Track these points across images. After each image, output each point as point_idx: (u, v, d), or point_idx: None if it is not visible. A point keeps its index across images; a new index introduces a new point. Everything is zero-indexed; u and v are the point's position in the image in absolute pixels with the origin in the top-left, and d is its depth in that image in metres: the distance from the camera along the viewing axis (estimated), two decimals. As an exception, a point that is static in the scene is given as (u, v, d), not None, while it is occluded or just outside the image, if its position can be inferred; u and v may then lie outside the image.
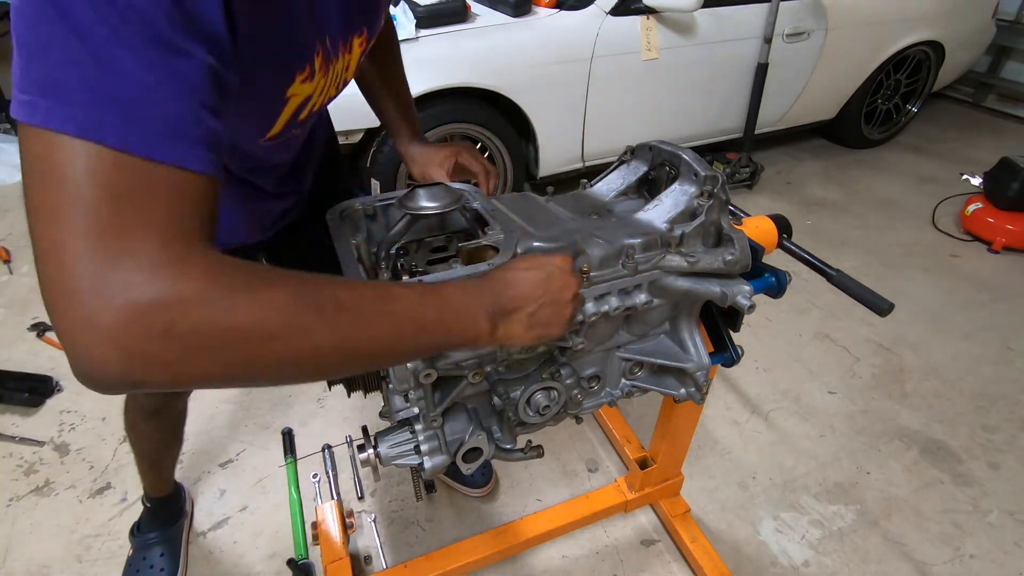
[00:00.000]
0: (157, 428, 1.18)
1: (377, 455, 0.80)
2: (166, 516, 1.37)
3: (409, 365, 0.71)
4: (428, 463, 0.78)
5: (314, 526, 1.31)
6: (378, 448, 0.80)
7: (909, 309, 2.23)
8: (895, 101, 3.40)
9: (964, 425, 1.76)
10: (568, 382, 0.80)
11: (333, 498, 1.38)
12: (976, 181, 2.69)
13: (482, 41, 2.23)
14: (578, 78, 2.37)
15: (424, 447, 0.78)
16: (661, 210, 0.81)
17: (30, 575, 1.36)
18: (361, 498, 1.51)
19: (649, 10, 2.41)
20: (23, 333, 2.03)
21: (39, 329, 2.03)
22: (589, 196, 0.92)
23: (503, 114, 2.36)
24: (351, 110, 1.23)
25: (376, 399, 0.86)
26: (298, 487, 1.50)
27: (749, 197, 3.00)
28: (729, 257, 0.77)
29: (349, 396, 0.79)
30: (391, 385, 0.75)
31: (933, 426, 1.76)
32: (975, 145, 3.55)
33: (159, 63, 0.39)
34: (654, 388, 0.92)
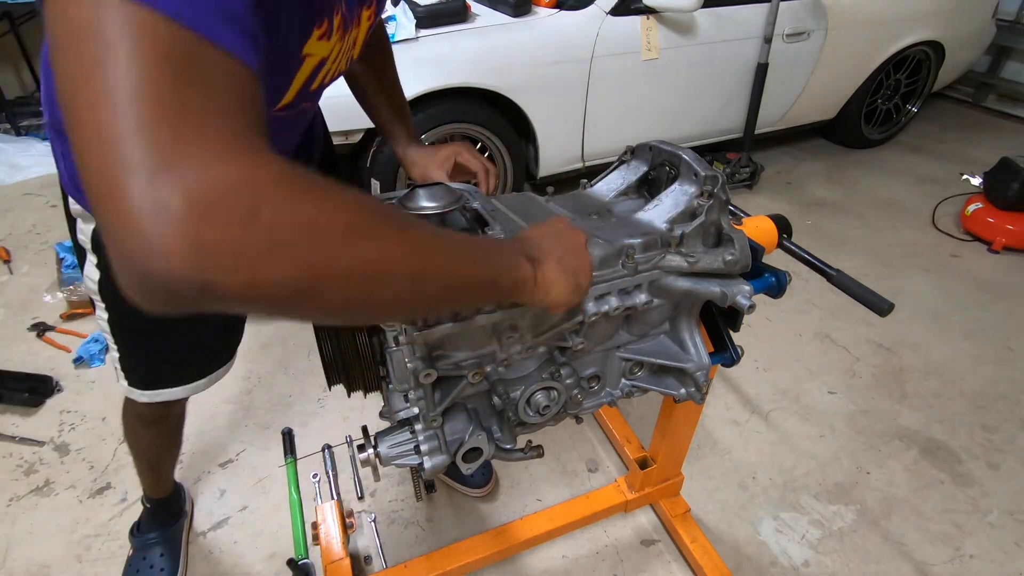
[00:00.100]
0: (156, 433, 1.18)
1: (377, 455, 0.80)
2: (166, 516, 1.37)
3: (409, 365, 0.71)
4: (428, 463, 0.78)
5: (314, 526, 1.31)
6: (378, 448, 0.80)
7: (909, 309, 2.23)
8: (895, 101, 3.40)
9: (964, 425, 1.76)
10: (568, 382, 0.80)
11: (333, 498, 1.38)
12: (976, 181, 2.69)
13: (482, 41, 2.23)
14: (578, 78, 2.37)
15: (424, 447, 0.78)
16: (661, 210, 0.81)
17: (30, 575, 1.36)
18: (361, 498, 1.51)
19: (649, 10, 2.41)
20: (23, 333, 2.03)
21: (39, 329, 2.03)
22: (589, 196, 0.92)
23: (503, 114, 2.36)
24: (351, 110, 1.23)
25: (376, 399, 0.86)
26: (298, 487, 1.50)
27: (749, 197, 3.00)
28: (729, 257, 0.77)
29: (349, 396, 0.79)
30: (391, 385, 0.75)
31: (933, 426, 1.76)
32: (975, 145, 3.55)
33: None
34: (654, 388, 0.92)
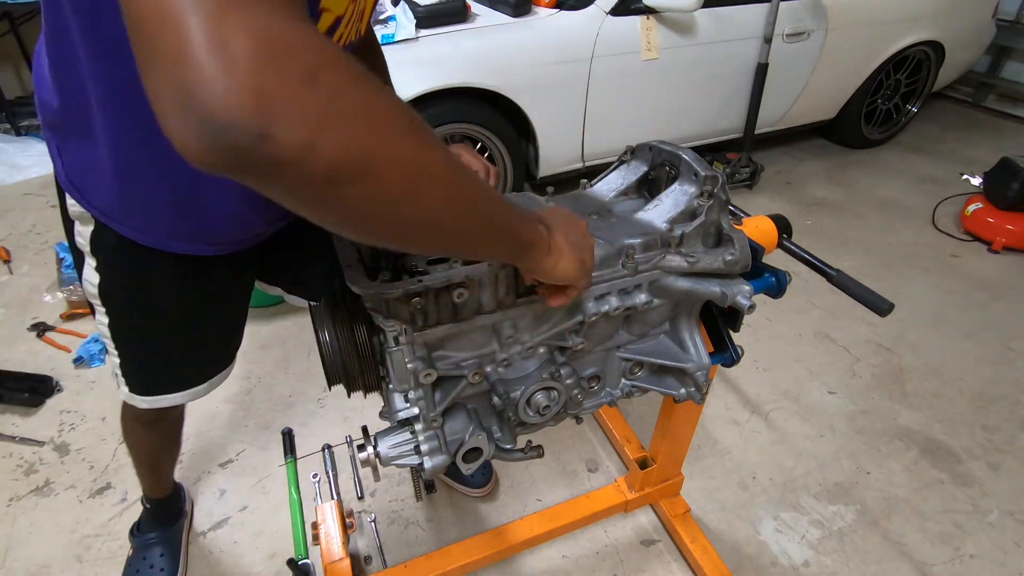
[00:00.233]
0: (155, 434, 1.18)
1: (377, 455, 0.80)
2: (166, 516, 1.37)
3: (409, 365, 0.71)
4: (428, 463, 0.78)
5: (314, 526, 1.31)
6: (378, 448, 0.80)
7: (909, 309, 2.23)
8: (895, 101, 3.39)
9: (964, 425, 1.76)
10: (568, 382, 0.80)
11: (333, 498, 1.37)
12: (976, 181, 2.69)
13: (482, 41, 2.23)
14: (578, 78, 2.37)
15: (424, 447, 0.78)
16: (661, 210, 0.81)
17: (30, 575, 1.36)
18: (361, 498, 1.51)
19: (649, 10, 2.41)
20: (23, 333, 2.03)
21: (39, 329, 2.03)
22: (589, 196, 0.92)
23: (503, 114, 2.36)
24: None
25: (376, 399, 0.86)
26: (298, 487, 1.50)
27: (749, 197, 3.00)
28: (729, 257, 0.77)
29: (349, 396, 0.79)
30: (391, 385, 0.75)
31: (933, 426, 1.76)
32: (975, 145, 3.55)
33: None
34: (654, 388, 0.92)
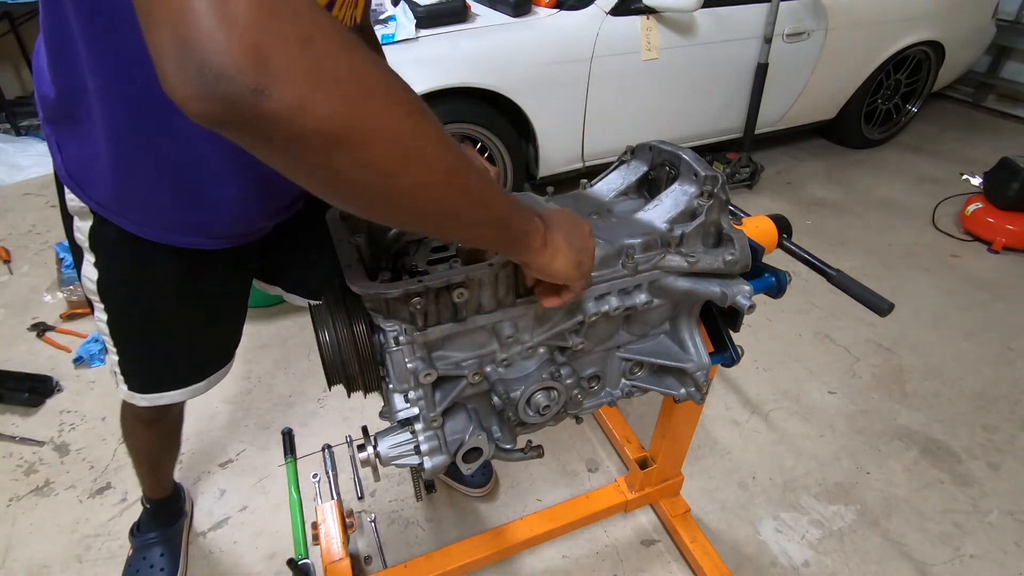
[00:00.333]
0: (155, 434, 1.18)
1: (377, 455, 0.79)
2: (166, 516, 1.37)
3: (409, 365, 0.71)
4: (428, 463, 0.78)
5: (314, 526, 1.31)
6: (378, 448, 0.80)
7: (909, 309, 2.23)
8: (895, 101, 3.39)
9: (964, 425, 1.76)
10: (568, 382, 0.80)
11: (333, 498, 1.37)
12: (976, 181, 2.69)
13: (482, 41, 2.23)
14: (578, 78, 2.37)
15: (424, 447, 0.78)
16: (661, 210, 0.81)
17: (30, 575, 1.36)
18: (361, 498, 1.50)
19: (649, 10, 2.41)
20: (23, 333, 2.03)
21: (39, 329, 2.03)
22: (589, 196, 0.92)
23: (503, 114, 2.36)
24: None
25: (376, 399, 0.86)
26: (298, 487, 1.50)
27: (749, 197, 3.00)
28: (729, 257, 0.77)
29: (349, 396, 0.79)
30: (391, 385, 0.75)
31: (933, 426, 1.76)
32: (975, 145, 3.55)
33: None
34: (654, 388, 0.92)
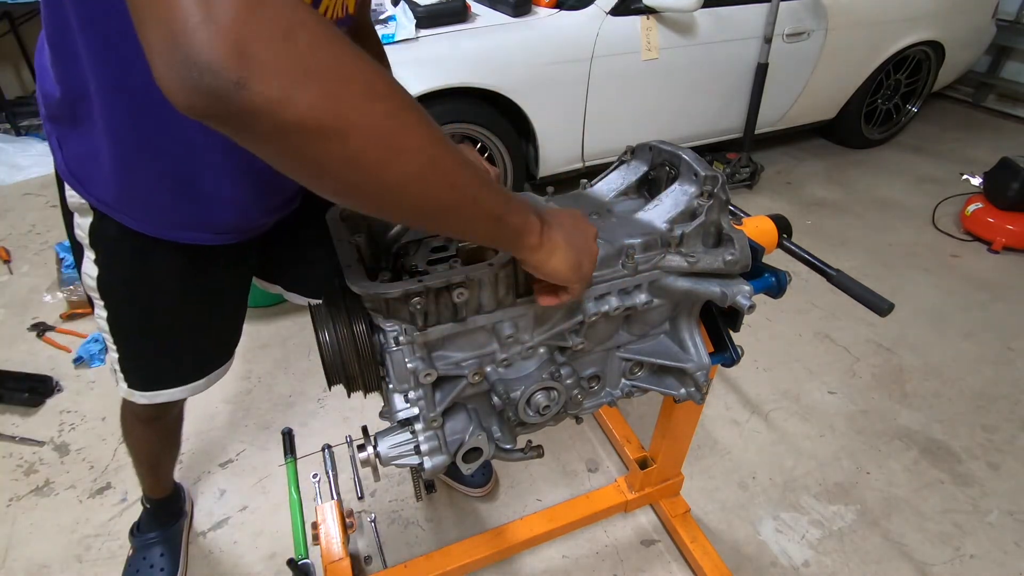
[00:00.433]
0: (155, 434, 1.18)
1: (377, 455, 0.79)
2: (166, 516, 1.37)
3: (409, 365, 0.71)
4: (428, 463, 0.78)
5: (314, 526, 1.31)
6: (378, 448, 0.80)
7: (909, 309, 2.23)
8: (895, 101, 3.40)
9: (964, 425, 1.76)
10: (568, 382, 0.80)
11: (333, 498, 1.37)
12: (976, 181, 2.69)
13: (482, 41, 2.23)
14: (578, 78, 2.37)
15: (424, 447, 0.78)
16: (661, 210, 0.81)
17: (30, 575, 1.36)
18: (361, 498, 1.50)
19: (649, 10, 2.41)
20: (23, 333, 2.03)
21: (39, 329, 2.03)
22: (589, 196, 0.92)
23: (503, 114, 2.36)
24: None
25: (376, 399, 0.86)
26: (298, 487, 1.50)
27: (749, 197, 3.00)
28: (729, 257, 0.77)
29: (349, 396, 0.79)
30: (391, 385, 0.75)
31: (933, 426, 1.76)
32: (975, 145, 3.55)
33: None
34: (654, 388, 0.92)
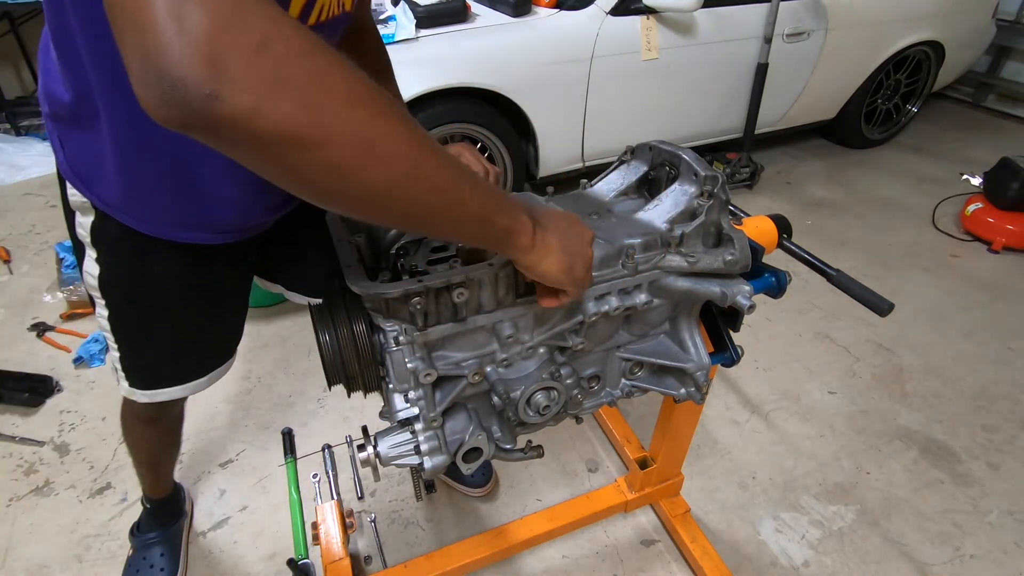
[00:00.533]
0: (155, 433, 1.18)
1: (377, 455, 0.80)
2: (166, 516, 1.37)
3: (409, 365, 0.71)
4: (428, 463, 0.78)
5: (314, 526, 1.31)
6: (378, 448, 0.80)
7: (909, 309, 2.23)
8: (895, 101, 3.40)
9: (964, 425, 1.76)
10: (568, 382, 0.80)
11: (333, 498, 1.37)
12: (976, 181, 2.69)
13: (482, 41, 2.23)
14: (578, 78, 2.37)
15: (424, 447, 0.78)
16: (661, 210, 0.81)
17: (30, 575, 1.36)
18: (361, 498, 1.51)
19: (649, 10, 2.41)
20: (23, 333, 2.03)
21: (39, 329, 2.03)
22: (589, 196, 0.92)
23: (503, 114, 2.36)
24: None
25: (376, 399, 0.86)
26: (298, 487, 1.50)
27: (749, 197, 3.00)
28: (729, 257, 0.77)
29: (349, 396, 0.79)
30: (391, 385, 0.75)
31: (933, 426, 1.76)
32: (975, 145, 3.55)
33: None
34: (654, 388, 0.92)
